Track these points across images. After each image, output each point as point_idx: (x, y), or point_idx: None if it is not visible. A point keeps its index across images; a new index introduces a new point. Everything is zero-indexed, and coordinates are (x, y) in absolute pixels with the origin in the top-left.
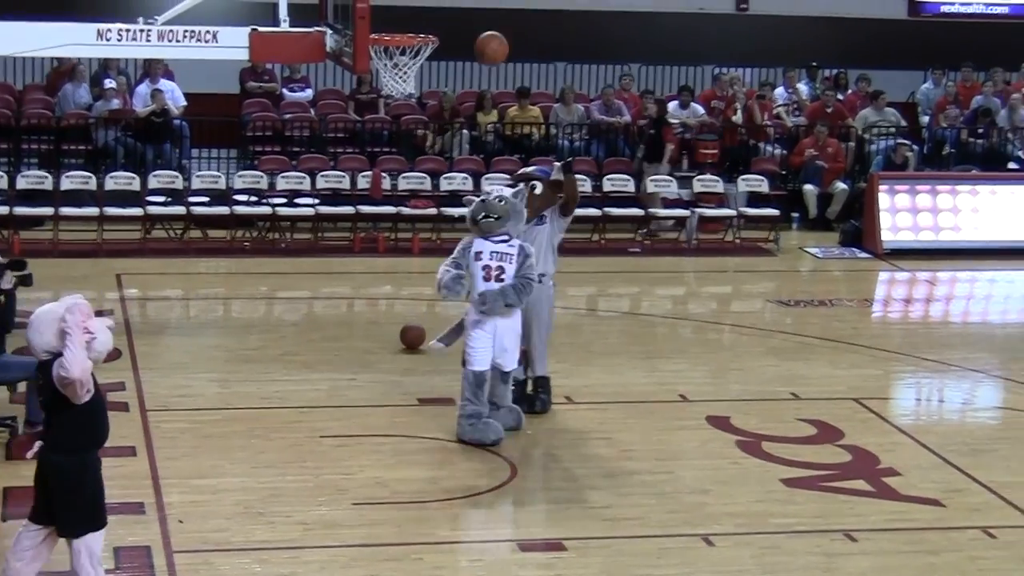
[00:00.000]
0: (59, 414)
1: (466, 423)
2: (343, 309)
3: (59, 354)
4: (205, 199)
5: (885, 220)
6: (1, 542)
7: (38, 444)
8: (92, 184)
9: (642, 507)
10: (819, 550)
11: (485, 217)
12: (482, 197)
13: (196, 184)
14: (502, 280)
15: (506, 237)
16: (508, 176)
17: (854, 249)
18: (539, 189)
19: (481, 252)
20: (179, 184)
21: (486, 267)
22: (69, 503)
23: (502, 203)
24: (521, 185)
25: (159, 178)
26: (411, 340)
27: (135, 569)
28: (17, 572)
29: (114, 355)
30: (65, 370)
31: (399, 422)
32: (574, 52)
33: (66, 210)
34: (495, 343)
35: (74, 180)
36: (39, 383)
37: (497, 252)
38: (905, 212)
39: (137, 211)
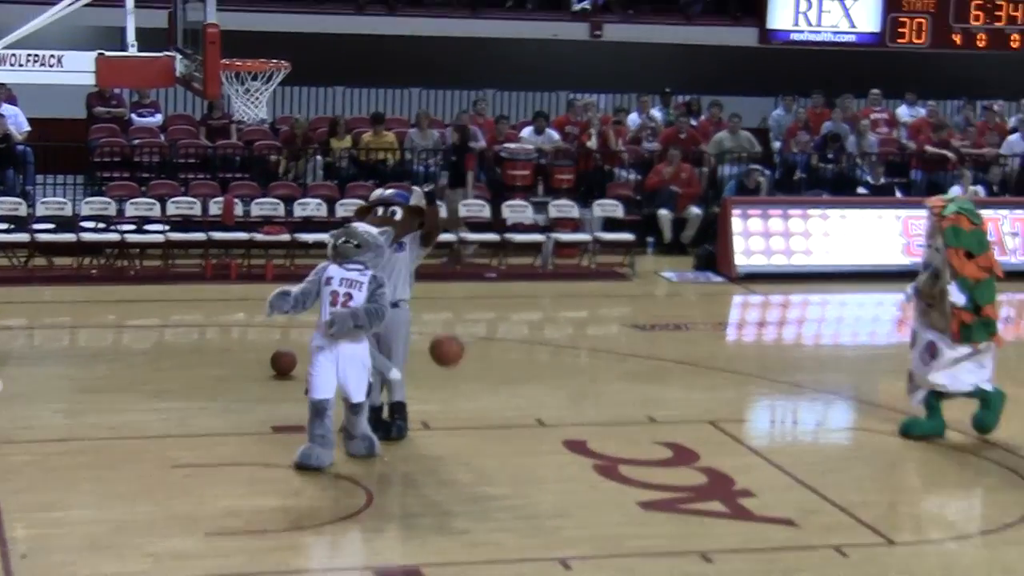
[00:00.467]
0: None
1: (300, 449)
2: (195, 337)
3: None
4: (50, 226)
5: (738, 244)
6: None
7: None
8: None
9: (500, 532)
10: (675, 572)
11: (345, 242)
12: (346, 225)
13: (41, 211)
14: (338, 302)
15: (360, 266)
16: (363, 201)
17: (708, 273)
18: (399, 215)
19: (332, 277)
20: (23, 211)
21: (334, 292)
22: None
23: (366, 233)
24: (389, 228)
25: (2, 205)
26: (283, 366)
27: None
28: None
29: None
30: None
31: (252, 450)
32: (429, 78)
33: None
34: (339, 373)
35: None
36: None
37: (347, 279)
38: (758, 236)
39: None
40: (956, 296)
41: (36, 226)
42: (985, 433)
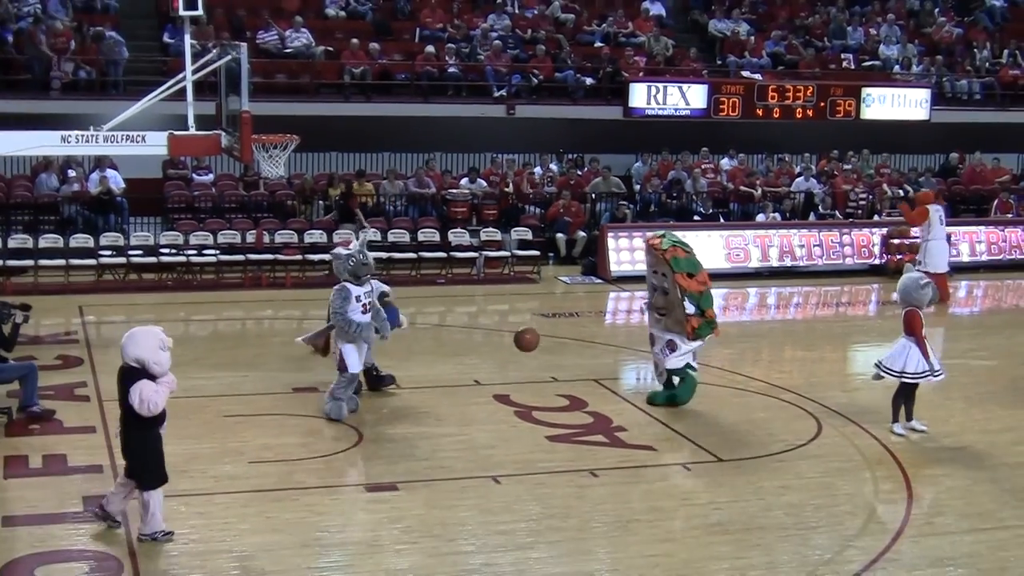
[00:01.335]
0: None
1: (330, 405)
2: (238, 327)
3: (142, 368)
4: (139, 252)
5: (612, 256)
6: (4, 494)
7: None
8: (60, 243)
9: (450, 458)
10: (572, 484)
11: (363, 264)
12: (357, 257)
13: (133, 241)
14: (367, 310)
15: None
16: (351, 233)
17: (592, 277)
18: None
19: (359, 296)
20: (121, 242)
21: (363, 304)
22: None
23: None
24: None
25: (107, 238)
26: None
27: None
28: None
29: (74, 363)
30: (154, 406)
31: (279, 404)
32: (395, 144)
33: (42, 261)
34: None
35: (48, 240)
36: (119, 385)
37: (365, 293)
38: (625, 251)
39: (92, 261)
40: (688, 307)
41: (130, 252)
42: (680, 404)
